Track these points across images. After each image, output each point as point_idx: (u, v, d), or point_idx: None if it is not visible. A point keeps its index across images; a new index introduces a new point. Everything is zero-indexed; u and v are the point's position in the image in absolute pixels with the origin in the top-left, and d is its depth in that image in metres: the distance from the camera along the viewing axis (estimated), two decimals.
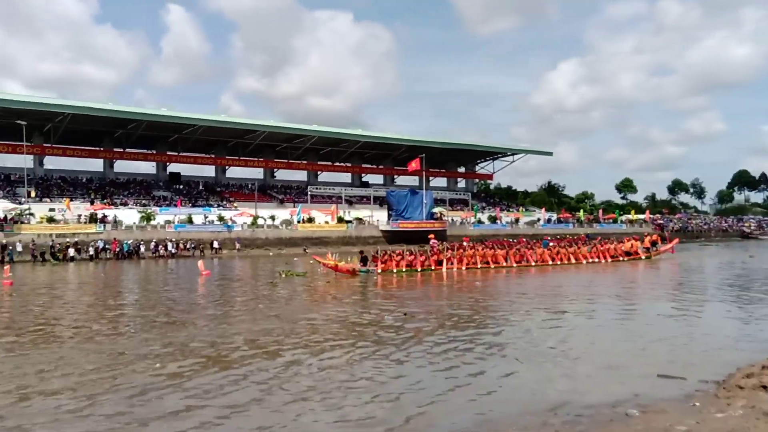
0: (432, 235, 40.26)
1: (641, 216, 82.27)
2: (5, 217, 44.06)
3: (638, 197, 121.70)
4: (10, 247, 40.86)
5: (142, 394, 7.83)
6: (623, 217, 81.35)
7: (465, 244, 33.82)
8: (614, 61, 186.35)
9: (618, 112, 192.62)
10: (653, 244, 37.35)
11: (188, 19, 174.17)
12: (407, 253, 27.69)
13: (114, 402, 7.52)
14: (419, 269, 26.50)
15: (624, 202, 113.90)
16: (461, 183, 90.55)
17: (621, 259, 33.67)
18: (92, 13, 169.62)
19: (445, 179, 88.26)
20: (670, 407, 6.83)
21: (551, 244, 34.57)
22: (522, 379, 8.44)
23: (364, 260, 26.20)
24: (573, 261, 31.47)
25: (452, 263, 27.80)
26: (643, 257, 35.22)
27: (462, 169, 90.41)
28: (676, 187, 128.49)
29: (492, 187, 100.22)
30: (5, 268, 29.00)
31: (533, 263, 29.88)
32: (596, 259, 32.41)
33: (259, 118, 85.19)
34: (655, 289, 20.27)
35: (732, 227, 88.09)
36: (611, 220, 78.65)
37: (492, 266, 28.61)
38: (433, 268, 26.96)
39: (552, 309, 15.11)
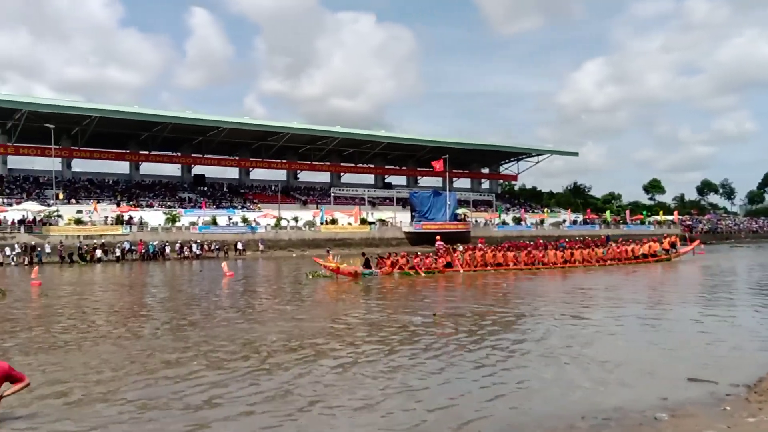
0: (438, 237, 39.75)
1: (669, 217, 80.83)
2: (34, 218, 44.89)
3: (666, 198, 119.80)
4: (39, 249, 41.67)
5: (187, 396, 7.72)
6: (651, 218, 79.94)
7: (480, 245, 33.57)
8: (641, 60, 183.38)
9: (645, 112, 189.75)
10: (672, 245, 36.24)
11: (212, 21, 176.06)
12: (413, 255, 27.30)
13: (166, 401, 7.51)
14: (425, 272, 25.87)
15: (652, 203, 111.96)
16: (485, 184, 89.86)
17: (639, 261, 32.83)
18: (118, 17, 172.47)
19: (468, 180, 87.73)
20: (700, 411, 6.70)
21: (566, 246, 33.90)
22: (548, 382, 8.26)
23: (366, 263, 25.75)
24: (587, 263, 30.74)
25: (460, 265, 27.26)
26: (663, 259, 34.45)
27: (486, 170, 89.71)
28: (706, 187, 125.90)
29: (516, 188, 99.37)
30: (34, 269, 29.52)
31: (544, 266, 29.22)
32: (611, 262, 31.62)
33: (282, 120, 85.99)
34: (683, 292, 19.73)
35: (763, 228, 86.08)
36: (638, 221, 77.36)
37: (503, 268, 27.99)
38: (440, 270, 26.47)
39: (577, 312, 14.80)
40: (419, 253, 27.97)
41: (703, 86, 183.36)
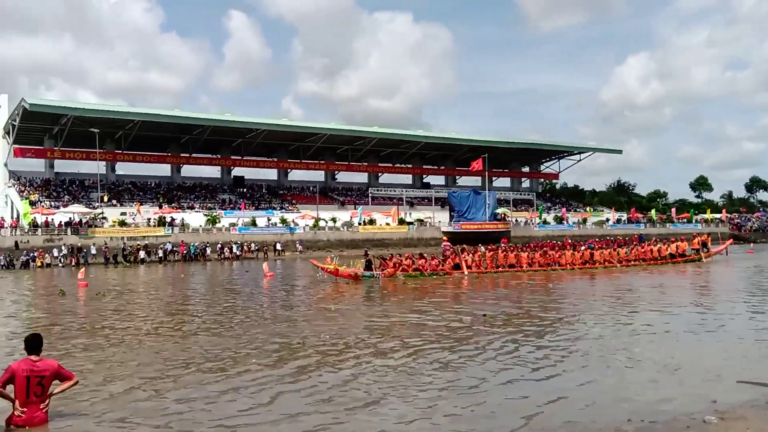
0: (445, 238, 38.52)
1: (717, 215, 78.12)
2: (80, 221, 45.92)
3: (714, 196, 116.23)
4: (85, 250, 42.54)
5: (253, 392, 7.70)
6: (698, 217, 77.34)
7: (502, 245, 32.54)
8: (685, 54, 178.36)
9: (690, 108, 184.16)
10: (703, 245, 33.89)
11: (249, 24, 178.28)
12: (417, 256, 26.18)
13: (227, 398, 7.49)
14: (430, 273, 24.73)
15: (699, 200, 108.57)
16: (525, 183, 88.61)
17: (666, 262, 30.85)
18: (158, 22, 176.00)
19: (508, 179, 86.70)
20: (750, 414, 6.48)
21: (595, 246, 32.39)
22: (596, 384, 7.95)
23: (368, 264, 24.49)
24: (609, 264, 29.02)
25: (469, 267, 25.96)
26: (693, 259, 32.59)
27: (526, 169, 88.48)
28: (755, 184, 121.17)
29: (558, 186, 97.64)
30: (81, 270, 30.02)
31: (560, 267, 27.78)
32: (635, 262, 29.71)
33: (319, 121, 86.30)
34: (730, 291, 18.69)
35: None
36: (685, 220, 75.03)
37: (517, 269, 26.60)
38: (447, 272, 25.20)
39: (623, 313, 14.16)
40: (425, 255, 26.77)
41: (749, 81, 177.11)
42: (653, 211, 77.72)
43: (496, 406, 7.00)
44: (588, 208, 77.49)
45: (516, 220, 65.75)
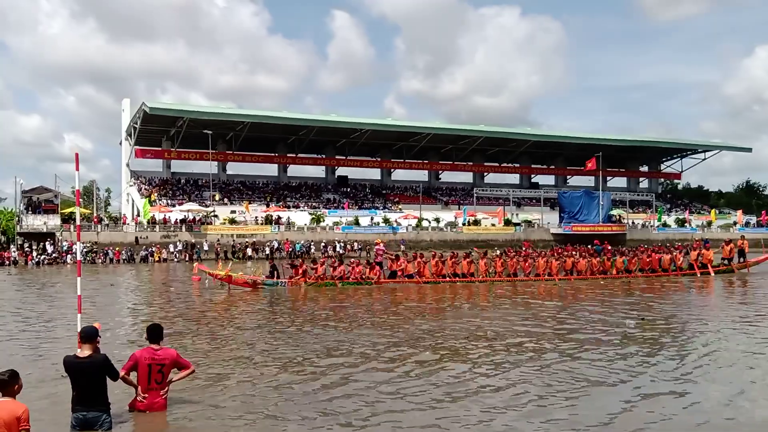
0: (378, 241, 33.14)
1: None
2: (194, 218, 47.82)
3: None
4: (198, 246, 44.23)
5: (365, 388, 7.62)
6: None
7: (524, 248, 29.45)
8: None
9: None
10: (740, 253, 26.55)
11: (352, 24, 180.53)
12: (334, 260, 23.12)
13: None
14: (351, 283, 20.97)
15: None
16: (644, 183, 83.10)
17: (676, 274, 24.77)
18: (266, 26, 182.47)
19: (624, 179, 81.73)
20: None
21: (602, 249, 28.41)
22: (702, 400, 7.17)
23: (273, 270, 21.63)
24: (601, 275, 23.80)
25: (411, 275, 21.93)
26: (722, 270, 25.42)
27: (645, 168, 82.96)
28: None
29: (680, 187, 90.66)
30: (195, 265, 30.88)
31: (529, 277, 23.11)
32: (635, 274, 24.30)
33: (423, 119, 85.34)
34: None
35: None
36: None
37: (474, 279, 22.39)
38: (373, 280, 21.39)
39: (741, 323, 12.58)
40: (351, 261, 23.27)
41: None
42: None
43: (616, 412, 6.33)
44: (713, 211, 71.22)
45: (632, 223, 61.88)
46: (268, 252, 44.28)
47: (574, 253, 25.76)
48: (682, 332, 11.67)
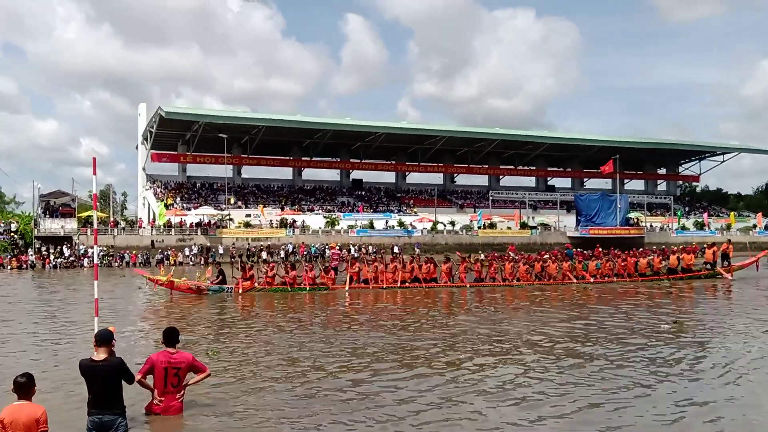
0: (333, 245, 31.84)
1: None
2: (209, 222, 47.95)
3: None
4: (213, 250, 44.30)
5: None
6: None
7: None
8: None
9: None
10: (724, 257, 25.68)
11: (366, 27, 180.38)
12: (287, 264, 22.46)
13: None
14: (302, 288, 20.28)
15: None
16: (662, 186, 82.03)
17: (656, 278, 24.01)
18: (279, 29, 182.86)
19: (642, 182, 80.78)
20: None
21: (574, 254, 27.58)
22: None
23: (220, 276, 20.81)
24: (574, 280, 22.98)
25: (366, 281, 21.21)
26: (705, 275, 24.89)
27: (662, 171, 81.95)
28: None
29: (698, 189, 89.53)
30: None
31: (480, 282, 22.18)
32: (609, 279, 23.43)
33: (436, 122, 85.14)
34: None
35: None
36: None
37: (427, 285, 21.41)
38: (328, 287, 20.68)
39: None
40: (305, 265, 22.63)
41: None
42: None
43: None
44: (731, 213, 70.23)
45: (650, 226, 61.18)
46: (282, 255, 44.26)
47: (546, 257, 25.11)
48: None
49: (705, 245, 26.84)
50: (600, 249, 29.63)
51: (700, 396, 7.34)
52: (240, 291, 19.83)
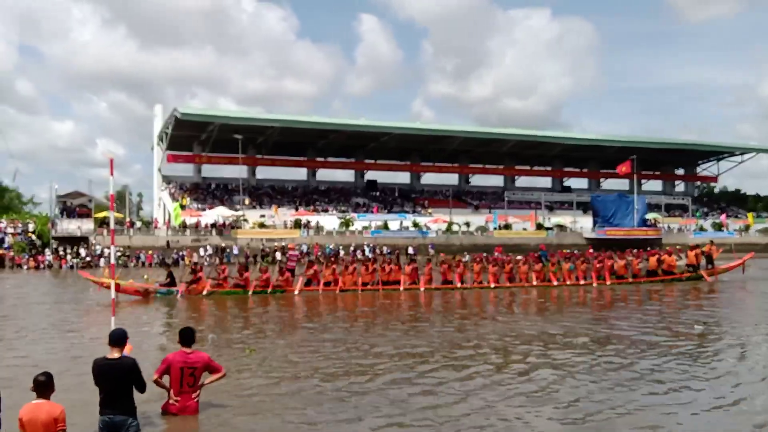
0: (291, 245, 30.56)
1: None
2: (224, 222, 48.08)
3: None
4: (228, 250, 44.39)
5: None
6: None
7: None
8: None
9: None
10: (708, 259, 24.75)
11: (380, 28, 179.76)
12: (240, 266, 21.80)
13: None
14: (255, 291, 19.56)
15: None
16: (679, 186, 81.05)
17: (639, 280, 23.25)
18: (294, 30, 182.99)
19: (660, 182, 79.87)
20: None
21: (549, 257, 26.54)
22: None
23: (170, 279, 19.91)
24: (538, 282, 22.21)
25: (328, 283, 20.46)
26: (687, 277, 23.93)
27: (680, 171, 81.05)
28: None
29: (716, 190, 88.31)
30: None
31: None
32: (587, 282, 22.58)
33: (451, 123, 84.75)
34: None
35: None
36: None
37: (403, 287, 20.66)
38: (285, 290, 19.96)
39: None
40: (261, 267, 21.86)
41: None
42: None
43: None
44: (750, 214, 69.13)
45: (668, 227, 60.54)
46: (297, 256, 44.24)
47: (518, 258, 24.44)
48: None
49: (690, 246, 25.74)
50: (574, 252, 28.89)
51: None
52: (184, 294, 19.08)
